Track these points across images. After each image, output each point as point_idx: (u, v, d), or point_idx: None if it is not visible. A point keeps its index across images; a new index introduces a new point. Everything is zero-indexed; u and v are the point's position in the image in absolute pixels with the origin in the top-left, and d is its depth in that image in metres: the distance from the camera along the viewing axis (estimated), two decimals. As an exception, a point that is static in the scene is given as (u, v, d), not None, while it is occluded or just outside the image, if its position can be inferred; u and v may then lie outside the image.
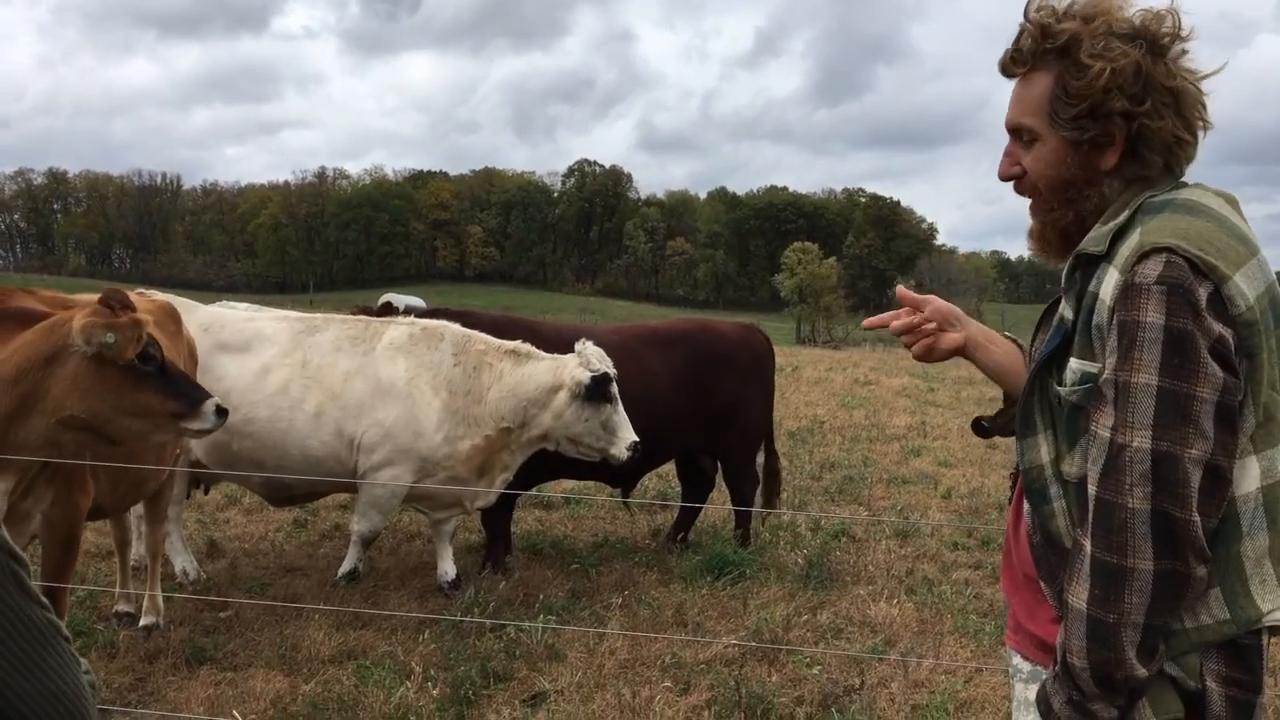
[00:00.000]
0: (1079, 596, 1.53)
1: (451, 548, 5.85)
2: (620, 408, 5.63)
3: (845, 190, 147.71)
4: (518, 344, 5.78)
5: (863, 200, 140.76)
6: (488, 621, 4.95)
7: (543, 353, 5.75)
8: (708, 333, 6.97)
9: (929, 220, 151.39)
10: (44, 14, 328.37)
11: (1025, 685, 1.77)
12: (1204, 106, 1.65)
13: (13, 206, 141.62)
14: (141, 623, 4.90)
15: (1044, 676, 1.67)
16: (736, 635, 5.00)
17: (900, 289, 1.99)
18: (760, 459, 7.10)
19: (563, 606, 5.37)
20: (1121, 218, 1.60)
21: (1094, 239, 1.61)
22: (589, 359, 5.59)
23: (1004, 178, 1.75)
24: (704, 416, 6.65)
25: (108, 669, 4.42)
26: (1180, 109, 1.62)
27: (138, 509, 5.15)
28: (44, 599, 1.13)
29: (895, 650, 4.70)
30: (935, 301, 1.93)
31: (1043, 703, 1.62)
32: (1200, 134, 1.66)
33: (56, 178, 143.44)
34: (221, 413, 3.73)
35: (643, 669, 4.60)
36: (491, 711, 4.12)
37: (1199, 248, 1.49)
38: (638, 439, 5.60)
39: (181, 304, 5.44)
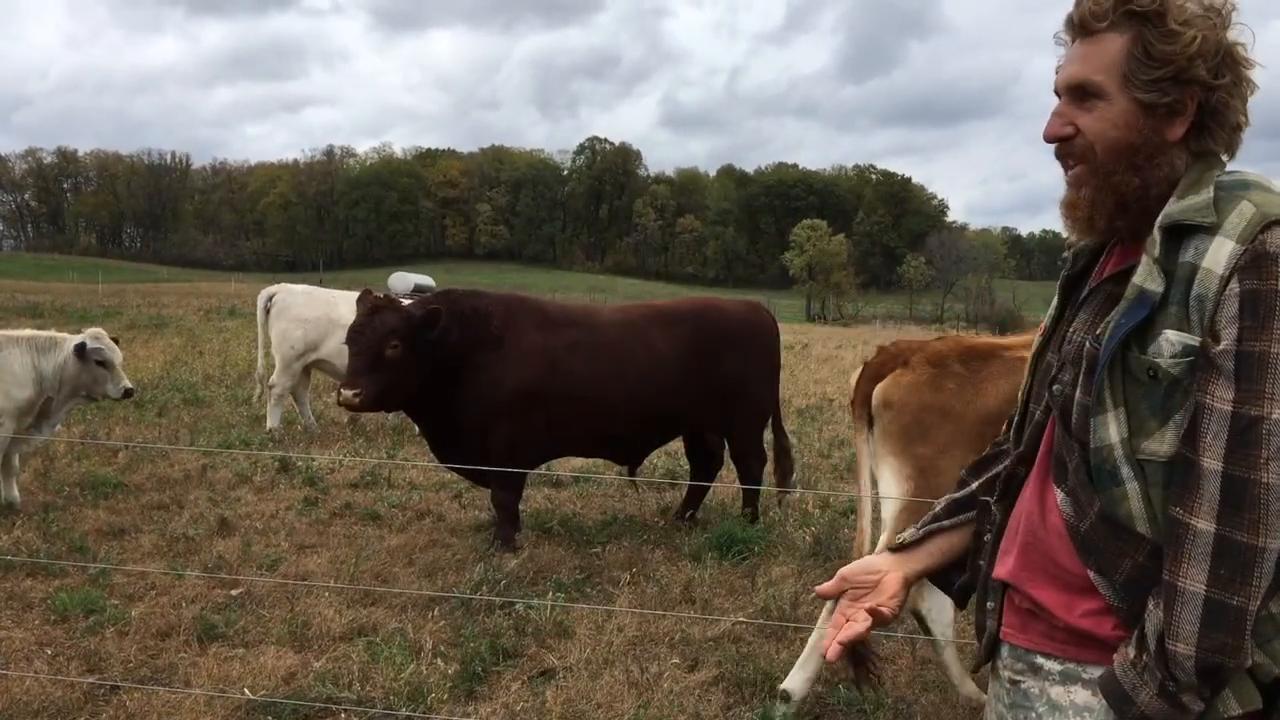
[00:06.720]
0: (1194, 579, 1.45)
1: None
2: None
3: (856, 167, 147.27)
4: None
5: (873, 177, 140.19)
6: (497, 599, 4.97)
7: None
8: (711, 310, 6.96)
9: (940, 197, 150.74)
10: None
11: (1060, 686, 1.64)
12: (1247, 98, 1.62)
13: (23, 186, 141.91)
14: None
15: (1082, 673, 1.59)
16: (745, 613, 5.02)
17: (818, 589, 1.91)
18: (769, 437, 7.10)
19: (572, 584, 5.39)
20: (1207, 192, 1.56)
21: (1196, 209, 1.55)
22: None
23: (1053, 138, 1.67)
24: (709, 394, 6.65)
25: (120, 645, 4.47)
26: (1243, 92, 1.59)
27: None
28: None
29: (902, 628, 4.70)
30: (845, 574, 1.85)
31: (1115, 695, 1.52)
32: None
33: (66, 157, 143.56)
34: None
35: (651, 646, 4.62)
36: (501, 688, 4.14)
37: None
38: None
39: None
